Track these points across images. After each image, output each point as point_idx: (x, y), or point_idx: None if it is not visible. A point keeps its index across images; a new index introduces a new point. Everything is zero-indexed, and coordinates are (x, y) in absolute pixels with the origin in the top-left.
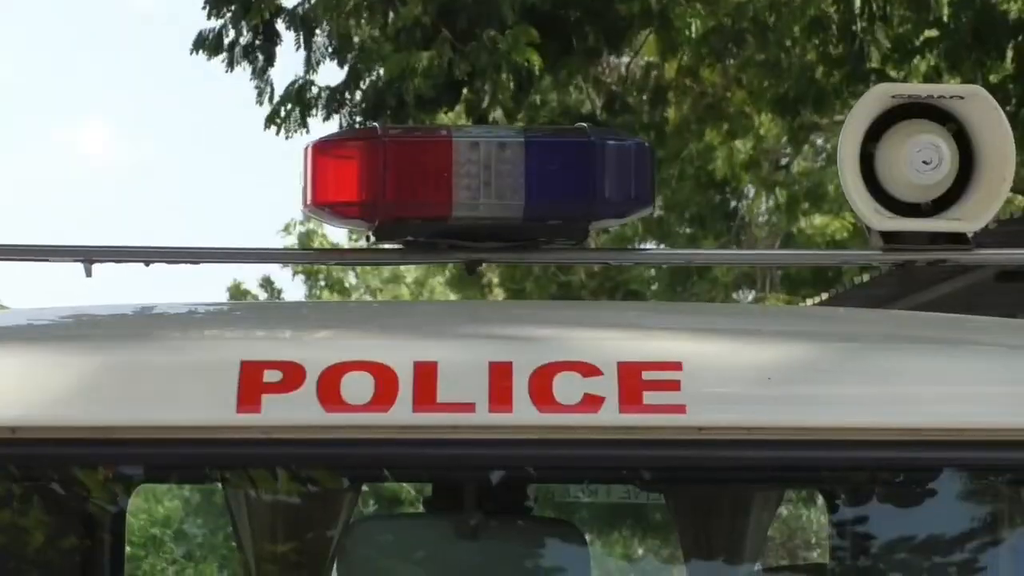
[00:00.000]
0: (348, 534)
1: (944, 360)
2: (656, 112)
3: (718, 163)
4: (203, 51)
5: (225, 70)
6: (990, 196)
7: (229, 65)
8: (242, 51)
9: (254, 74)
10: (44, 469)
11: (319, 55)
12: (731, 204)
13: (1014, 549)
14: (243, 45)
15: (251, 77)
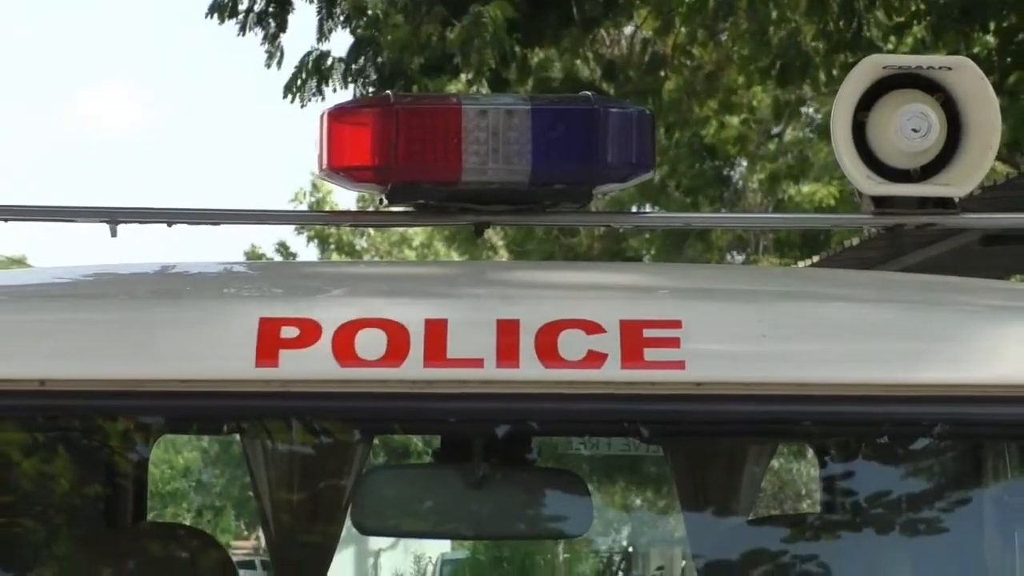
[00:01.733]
0: (360, 484)
1: (931, 319)
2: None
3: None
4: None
5: (237, 34)
6: (976, 163)
7: (241, 30)
8: (255, 17)
9: (265, 39)
10: (71, 420)
11: (332, 24)
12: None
13: (997, 502)
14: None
15: (262, 42)
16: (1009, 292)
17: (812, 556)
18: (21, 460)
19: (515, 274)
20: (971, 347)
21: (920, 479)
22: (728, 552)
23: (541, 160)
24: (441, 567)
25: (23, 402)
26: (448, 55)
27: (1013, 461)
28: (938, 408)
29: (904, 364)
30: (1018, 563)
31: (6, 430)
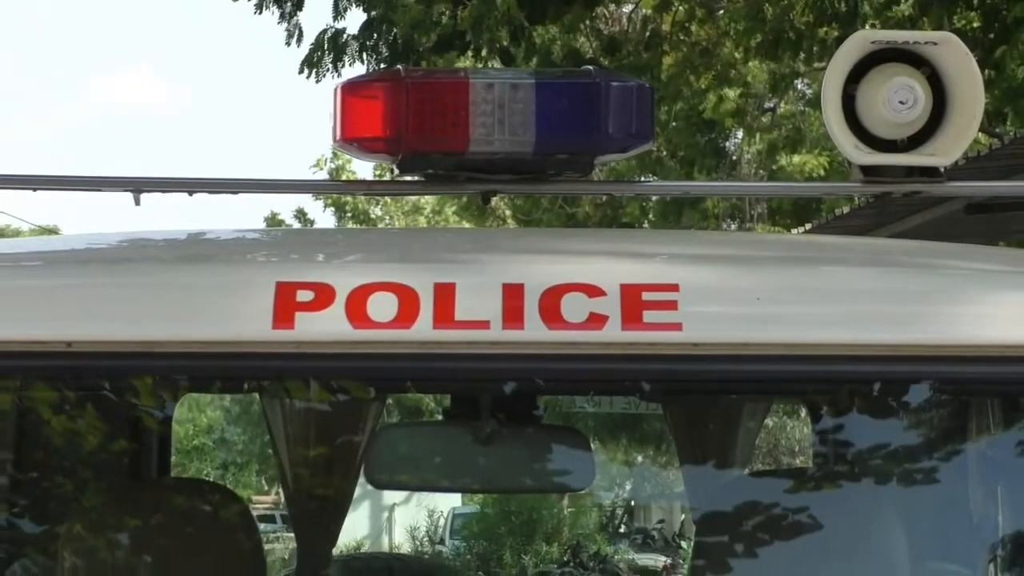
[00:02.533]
0: (374, 440)
1: (918, 282)
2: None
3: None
4: None
5: (254, 12)
6: (960, 133)
7: (258, 8)
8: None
9: (282, 18)
10: (96, 380)
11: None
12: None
13: (981, 456)
14: None
15: (279, 21)
16: (993, 257)
17: (804, 508)
18: (51, 418)
19: (520, 240)
20: (955, 309)
21: (907, 434)
22: (724, 504)
23: (545, 131)
24: (452, 520)
25: (51, 363)
26: (459, 32)
27: (996, 417)
28: (924, 367)
29: (891, 325)
30: (1001, 514)
31: (35, 389)
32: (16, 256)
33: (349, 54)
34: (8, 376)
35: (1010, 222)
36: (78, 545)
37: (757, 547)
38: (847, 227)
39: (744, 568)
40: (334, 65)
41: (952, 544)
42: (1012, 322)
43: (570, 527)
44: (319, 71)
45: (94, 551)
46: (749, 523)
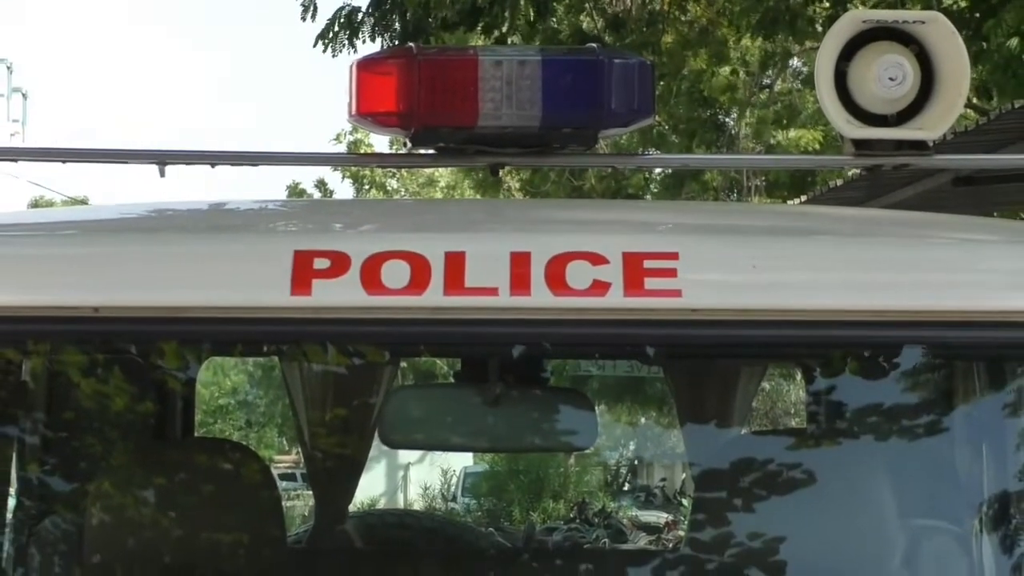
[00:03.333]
0: (387, 402)
1: (907, 251)
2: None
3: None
4: None
5: None
6: (948, 108)
7: None
8: None
9: None
10: (123, 344)
11: None
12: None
13: (967, 416)
14: None
15: None
16: (979, 227)
17: (798, 466)
18: (80, 380)
19: (527, 211)
20: (942, 277)
21: (897, 396)
22: (723, 463)
23: (550, 106)
24: (464, 479)
25: (79, 327)
26: (477, 8)
27: (981, 380)
28: (912, 332)
29: (881, 292)
30: (985, 470)
31: (64, 352)
32: (47, 226)
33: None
34: (39, 340)
35: (995, 194)
36: (106, 502)
37: (754, 503)
38: (840, 199)
39: (741, 523)
40: (349, 41)
41: (939, 500)
42: (997, 289)
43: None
44: (334, 46)
45: (121, 508)
46: (746, 480)
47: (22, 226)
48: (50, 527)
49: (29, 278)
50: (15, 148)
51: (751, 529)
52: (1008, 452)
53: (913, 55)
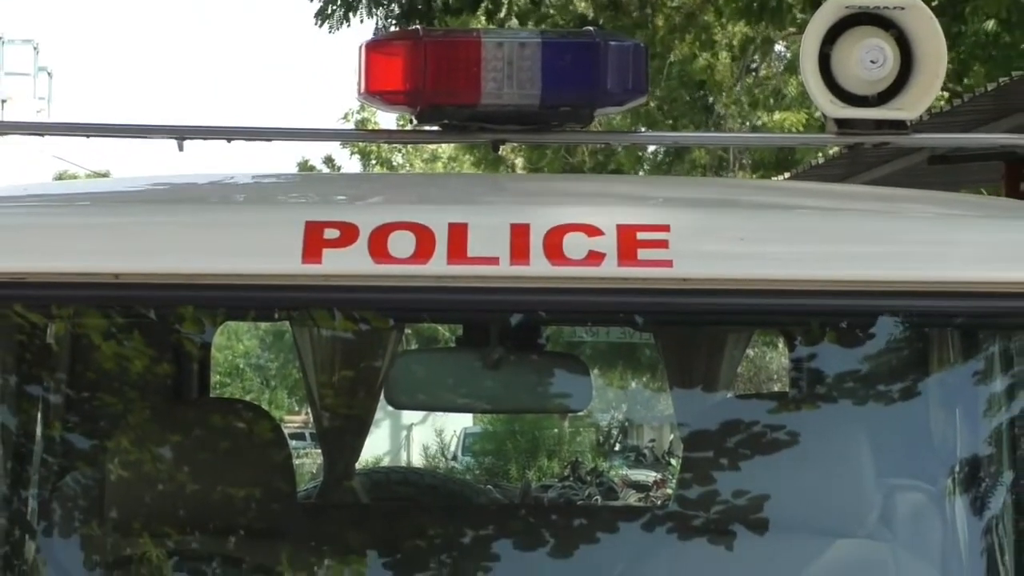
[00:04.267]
0: (393, 365)
1: (884, 224)
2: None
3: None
4: None
5: None
6: (925, 90)
7: None
8: None
9: None
10: (142, 308)
11: None
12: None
13: (940, 381)
14: None
15: None
16: (953, 202)
17: (781, 427)
18: (101, 343)
19: (526, 185)
20: (918, 249)
21: (874, 362)
22: (710, 424)
23: (549, 86)
24: (464, 439)
25: (100, 293)
26: None
27: (954, 347)
28: (889, 301)
29: (860, 263)
30: (958, 432)
31: (86, 316)
32: (71, 197)
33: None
34: (62, 305)
35: (968, 172)
36: (125, 458)
37: (738, 462)
38: (822, 176)
39: (727, 481)
40: (345, 18)
41: (913, 460)
42: (969, 261)
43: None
44: (331, 23)
45: (139, 464)
46: (731, 441)
47: (48, 197)
48: (71, 483)
49: (54, 246)
50: (42, 123)
51: (736, 487)
52: (978, 416)
53: (893, 39)
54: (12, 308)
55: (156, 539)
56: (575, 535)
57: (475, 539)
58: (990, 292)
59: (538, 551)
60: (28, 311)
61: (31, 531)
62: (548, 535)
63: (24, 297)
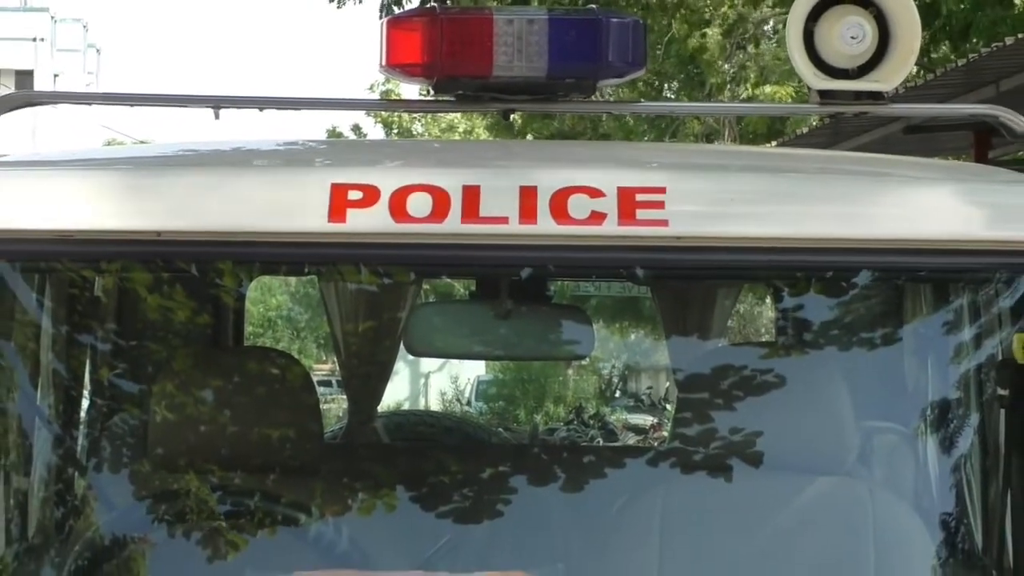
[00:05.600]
0: (411, 316)
1: (863, 186)
2: None
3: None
4: None
5: None
6: (901, 63)
7: None
8: None
9: None
10: (182, 264)
11: None
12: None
13: (913, 331)
14: None
15: None
16: (926, 167)
17: (768, 372)
18: (145, 296)
19: (534, 150)
20: (894, 209)
21: (854, 314)
22: (702, 370)
23: (556, 59)
24: (477, 385)
25: (144, 249)
26: None
27: (926, 300)
28: (867, 258)
29: (841, 222)
30: (929, 378)
31: (131, 271)
32: (118, 160)
33: None
34: (110, 260)
35: (941, 141)
36: (167, 401)
37: (729, 405)
38: (806, 144)
39: (719, 423)
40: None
41: (889, 404)
42: (941, 221)
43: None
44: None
45: (180, 407)
46: (722, 386)
47: (96, 161)
48: (119, 423)
49: (101, 206)
50: (91, 93)
51: (727, 428)
52: (948, 362)
53: (872, 17)
54: (63, 263)
55: (196, 474)
56: (579, 473)
57: (487, 476)
58: (959, 249)
59: (546, 487)
60: (78, 266)
61: (82, 467)
62: (554, 473)
63: (73, 253)
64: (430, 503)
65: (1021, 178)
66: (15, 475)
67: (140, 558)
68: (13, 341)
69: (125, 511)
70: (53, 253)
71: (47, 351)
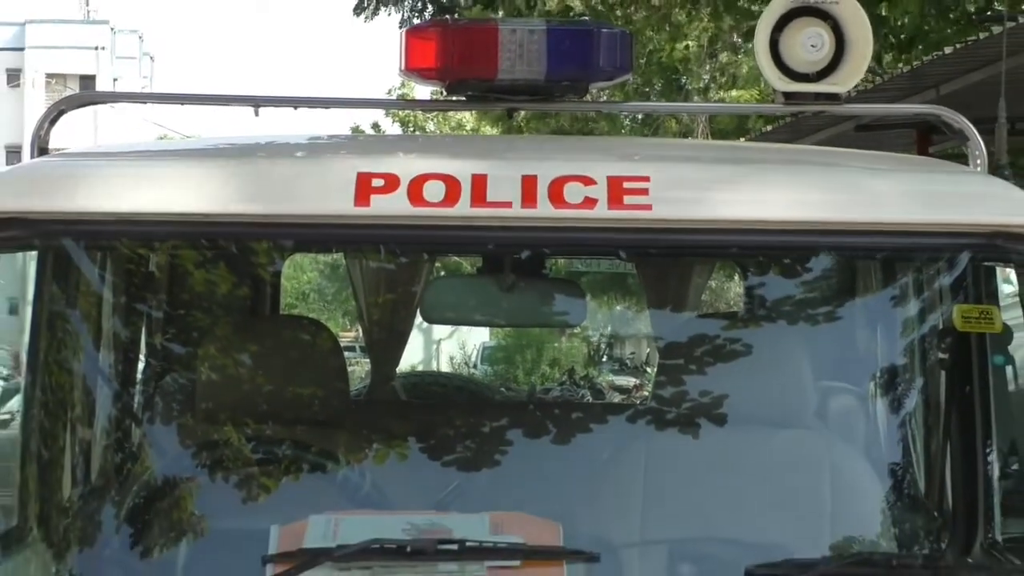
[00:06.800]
0: (427, 288)
1: (820, 175)
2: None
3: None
4: None
5: None
6: (855, 69)
7: None
8: None
9: None
10: (225, 242)
11: None
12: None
13: (865, 304)
14: None
15: None
16: (875, 159)
17: (737, 340)
18: (193, 270)
19: (534, 144)
20: (847, 196)
21: (812, 287)
22: (679, 337)
23: (553, 64)
24: (482, 351)
25: (192, 229)
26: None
27: (876, 275)
28: (824, 239)
29: (800, 207)
30: (879, 344)
31: (180, 248)
32: (169, 152)
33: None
34: (163, 240)
35: (887, 138)
36: (213, 363)
37: (703, 368)
38: (770, 140)
39: (693, 383)
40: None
41: (843, 367)
42: (889, 206)
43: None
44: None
45: (224, 368)
46: (697, 351)
47: (150, 153)
48: (170, 382)
49: (155, 192)
50: (144, 93)
51: (701, 388)
52: (896, 331)
53: (829, 28)
54: (121, 242)
55: (237, 427)
56: (571, 426)
57: (491, 429)
58: (907, 231)
59: (542, 439)
60: (135, 245)
61: (138, 420)
62: (549, 426)
63: (131, 233)
64: (441, 452)
65: (960, 169)
66: (80, 426)
67: (188, 497)
68: (79, 310)
69: (175, 458)
70: (113, 233)
71: (108, 319)
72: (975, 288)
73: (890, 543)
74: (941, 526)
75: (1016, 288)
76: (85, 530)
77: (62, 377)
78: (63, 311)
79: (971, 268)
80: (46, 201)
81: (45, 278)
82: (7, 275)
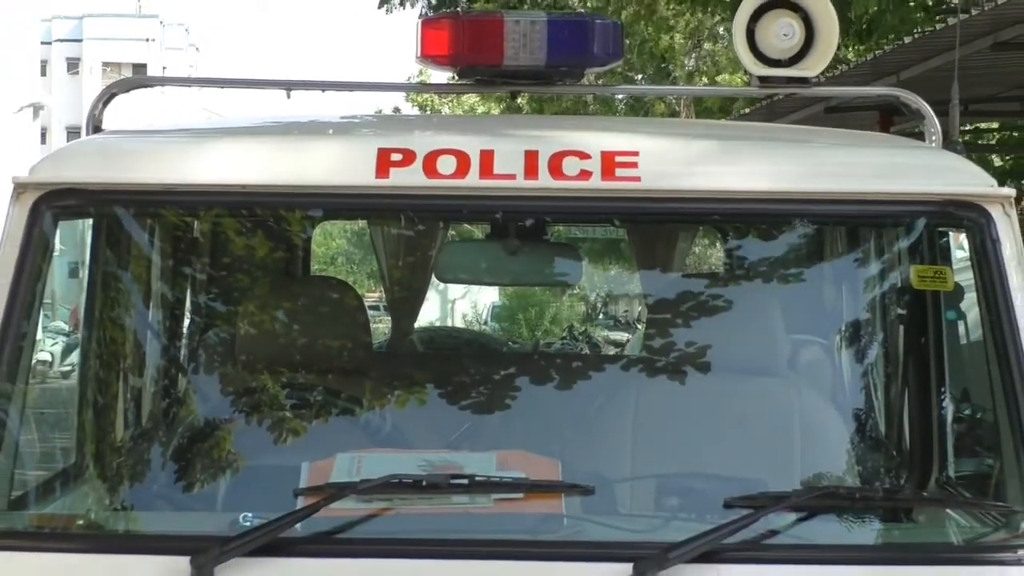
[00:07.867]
0: (441, 252)
1: (795, 150)
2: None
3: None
4: None
5: None
6: (823, 55)
7: None
8: None
9: None
10: (262, 210)
11: None
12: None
13: (832, 267)
14: None
15: None
16: (845, 135)
17: (718, 297)
18: (234, 237)
19: (536, 123)
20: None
21: (785, 250)
22: (666, 296)
23: (553, 52)
24: (491, 309)
25: (232, 199)
26: None
27: (842, 241)
28: (796, 207)
29: (775, 178)
30: (845, 302)
31: (222, 216)
32: (211, 130)
33: None
34: (206, 208)
35: (852, 119)
36: (251, 319)
37: (687, 324)
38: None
39: (679, 337)
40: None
41: (812, 322)
42: (856, 177)
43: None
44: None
45: (261, 323)
46: (682, 308)
47: (196, 131)
48: (213, 336)
49: (199, 164)
50: (189, 77)
51: (686, 341)
52: (860, 289)
53: (800, 18)
54: (168, 210)
55: (273, 376)
56: (572, 374)
57: (501, 377)
58: (868, 200)
59: (544, 385)
60: (182, 213)
61: (184, 370)
62: (551, 375)
63: (176, 202)
64: (453, 398)
65: (918, 145)
66: (132, 375)
67: (227, 438)
68: (130, 272)
69: (216, 403)
70: (161, 202)
71: (156, 280)
72: (930, 251)
73: (854, 479)
74: (900, 464)
75: (967, 252)
76: (135, 467)
77: (115, 332)
78: (116, 273)
79: (927, 233)
80: (100, 173)
81: (100, 243)
82: (68, 241)
